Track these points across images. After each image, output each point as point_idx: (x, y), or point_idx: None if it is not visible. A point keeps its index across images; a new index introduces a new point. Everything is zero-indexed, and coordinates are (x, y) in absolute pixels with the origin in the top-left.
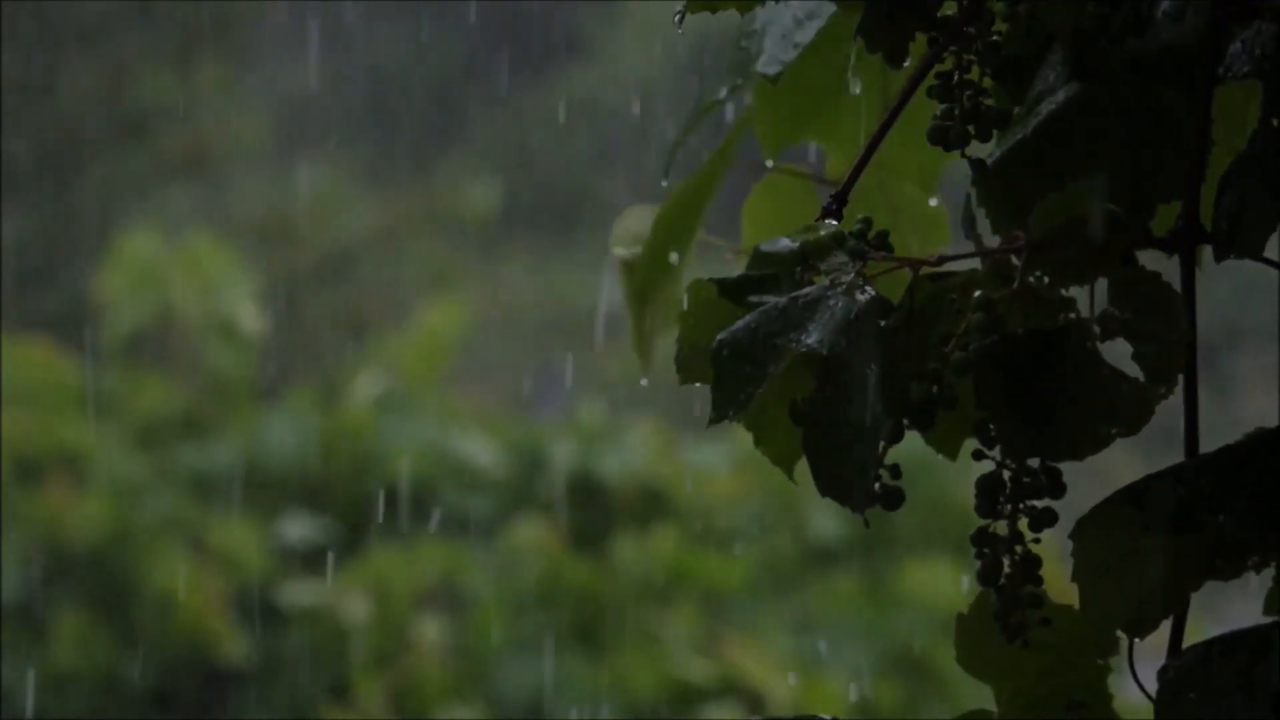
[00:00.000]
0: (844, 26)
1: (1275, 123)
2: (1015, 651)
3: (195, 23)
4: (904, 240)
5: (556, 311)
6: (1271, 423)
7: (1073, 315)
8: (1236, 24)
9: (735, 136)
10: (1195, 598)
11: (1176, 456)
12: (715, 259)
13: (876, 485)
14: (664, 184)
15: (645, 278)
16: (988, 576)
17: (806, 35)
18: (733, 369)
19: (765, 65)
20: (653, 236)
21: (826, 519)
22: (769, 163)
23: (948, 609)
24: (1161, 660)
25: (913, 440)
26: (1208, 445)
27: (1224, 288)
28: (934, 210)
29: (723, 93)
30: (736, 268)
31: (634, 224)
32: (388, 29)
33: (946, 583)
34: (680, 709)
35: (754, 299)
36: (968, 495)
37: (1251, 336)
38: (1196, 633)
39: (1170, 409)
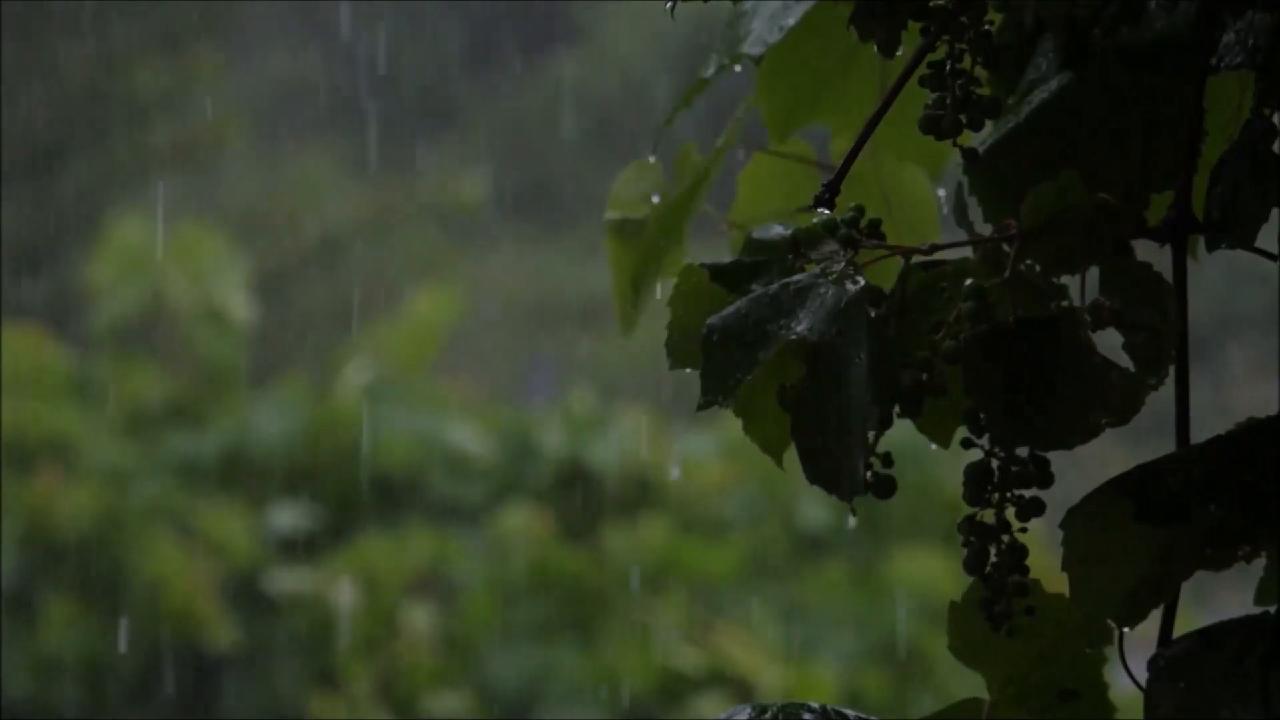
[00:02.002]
0: (844, 9)
1: (1268, 112)
2: (1007, 640)
3: (186, 12)
4: (894, 226)
5: (546, 300)
6: (1263, 412)
7: (1064, 304)
8: (1229, 14)
9: (736, 128)
10: (1186, 587)
11: (1167, 446)
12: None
13: (868, 474)
14: (651, 160)
15: (642, 266)
16: (973, 565)
17: (791, 19)
18: (722, 354)
19: (750, 46)
20: (654, 228)
21: (816, 508)
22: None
23: (936, 597)
24: (1153, 650)
25: (902, 428)
26: (1199, 435)
27: (1216, 277)
28: (925, 196)
29: (710, 70)
30: (726, 238)
31: (631, 185)
32: (378, 18)
33: (935, 571)
34: (669, 697)
35: (745, 285)
36: (957, 484)
37: (1244, 326)
38: (1188, 623)
39: (1161, 398)
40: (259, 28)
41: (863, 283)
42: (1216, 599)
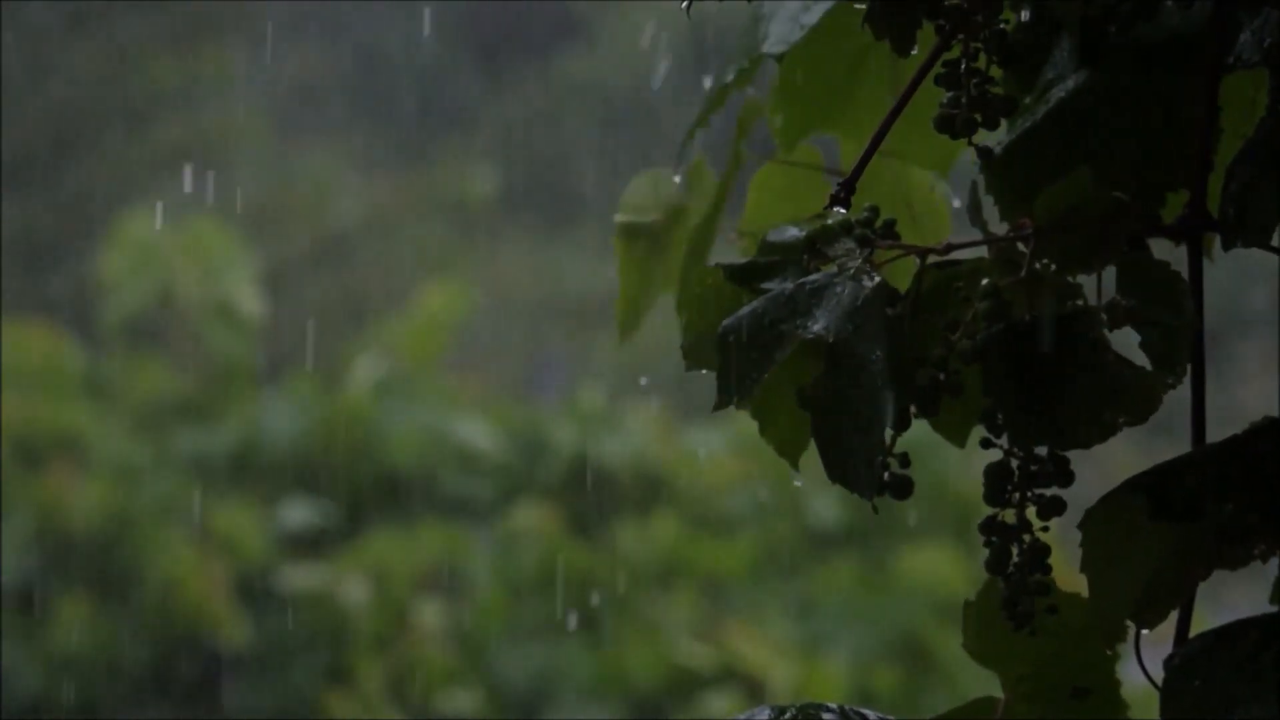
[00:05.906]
0: (854, 16)
1: None
2: (1022, 639)
3: (197, 10)
4: (915, 229)
5: (555, 295)
6: (1272, 408)
7: (1080, 303)
8: (1245, 12)
9: (740, 136)
10: (1202, 586)
11: (1182, 445)
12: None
13: (885, 474)
14: (675, 178)
15: (665, 283)
16: (996, 565)
17: (813, 17)
18: (739, 355)
19: (771, 46)
20: (679, 246)
21: (826, 504)
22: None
23: (947, 594)
24: (1168, 649)
25: (913, 426)
26: (1208, 432)
27: (1224, 274)
28: (937, 199)
29: (730, 75)
30: (737, 246)
31: (644, 191)
32: (386, 13)
33: (946, 568)
34: (679, 694)
35: (761, 285)
36: (967, 481)
37: (1252, 322)
38: (1203, 622)
39: (1175, 396)
40: (269, 25)
41: (878, 281)
42: (1227, 598)
